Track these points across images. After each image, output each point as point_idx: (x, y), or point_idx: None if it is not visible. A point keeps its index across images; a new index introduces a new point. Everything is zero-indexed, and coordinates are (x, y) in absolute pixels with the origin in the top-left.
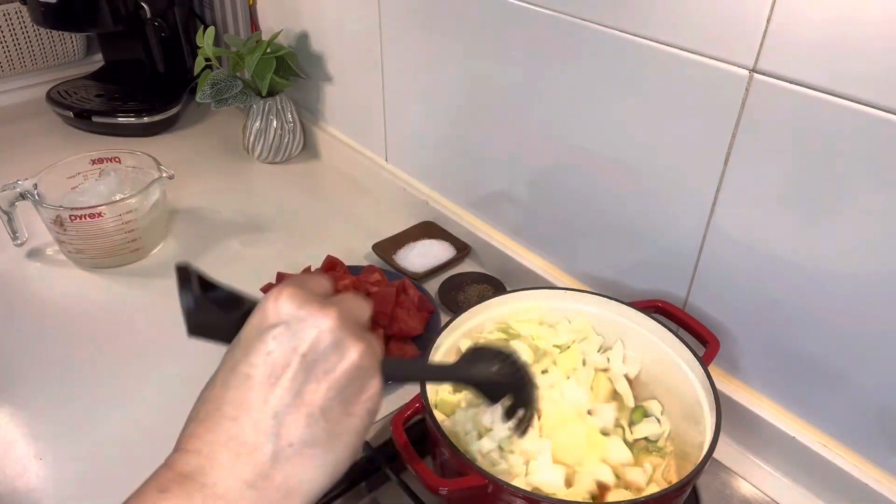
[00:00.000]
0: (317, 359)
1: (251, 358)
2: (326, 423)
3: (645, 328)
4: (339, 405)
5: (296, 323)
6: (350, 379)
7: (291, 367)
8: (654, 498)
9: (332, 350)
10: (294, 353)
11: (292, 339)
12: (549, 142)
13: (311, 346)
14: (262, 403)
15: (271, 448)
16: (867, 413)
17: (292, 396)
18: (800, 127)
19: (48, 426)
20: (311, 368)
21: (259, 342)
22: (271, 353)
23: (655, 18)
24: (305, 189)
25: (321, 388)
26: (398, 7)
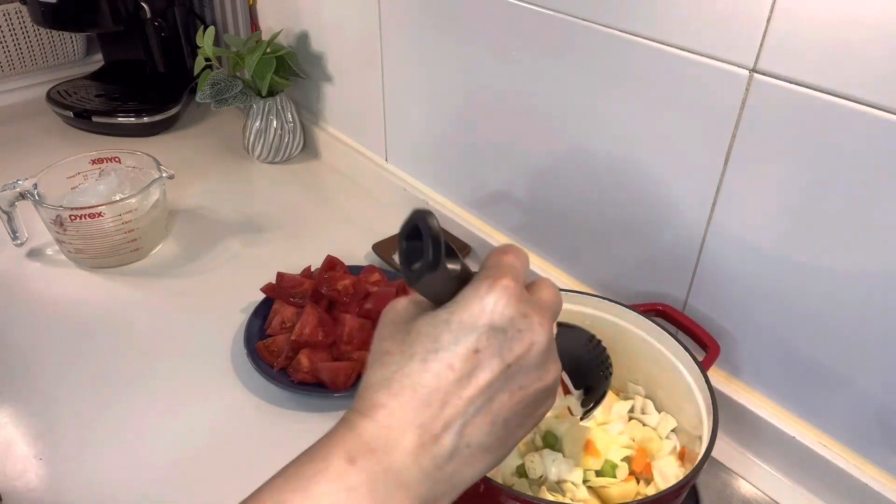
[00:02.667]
0: (517, 373)
1: (458, 349)
2: (504, 432)
3: (645, 331)
4: (518, 419)
5: (512, 330)
6: (538, 399)
7: (493, 373)
8: (654, 498)
9: (533, 369)
10: (501, 360)
11: (502, 347)
12: (549, 142)
13: (517, 358)
14: (457, 398)
15: (453, 444)
16: (867, 413)
17: (484, 401)
18: (800, 127)
19: (48, 426)
20: (509, 379)
21: (471, 335)
22: (479, 352)
23: (655, 18)
24: (305, 189)
25: (511, 401)
26: (398, 7)
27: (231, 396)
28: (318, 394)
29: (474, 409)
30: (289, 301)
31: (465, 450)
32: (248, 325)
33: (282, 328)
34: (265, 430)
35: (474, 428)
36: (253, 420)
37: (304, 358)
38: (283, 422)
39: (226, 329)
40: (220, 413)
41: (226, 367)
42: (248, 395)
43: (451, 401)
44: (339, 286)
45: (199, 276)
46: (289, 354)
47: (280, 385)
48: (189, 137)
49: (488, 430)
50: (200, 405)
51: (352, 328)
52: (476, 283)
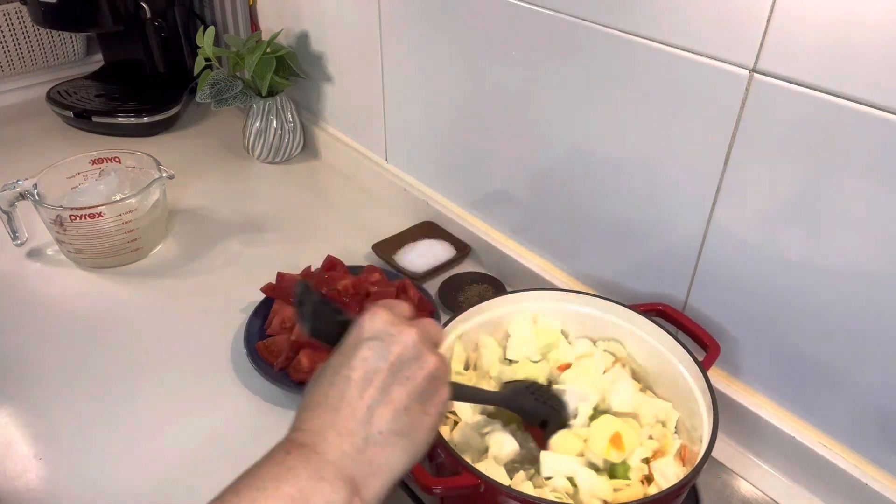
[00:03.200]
0: (401, 367)
1: (351, 362)
2: (408, 418)
3: (645, 331)
4: (418, 405)
5: (386, 337)
6: (426, 384)
7: (382, 371)
8: (654, 498)
9: (413, 360)
10: (384, 360)
11: (383, 350)
12: (549, 142)
13: (397, 356)
14: (359, 399)
15: (364, 432)
16: (867, 413)
17: (381, 394)
18: (800, 127)
19: (48, 426)
20: (396, 373)
21: (357, 351)
22: (367, 359)
23: (655, 18)
24: (305, 189)
25: (404, 390)
26: (398, 7)
27: (231, 396)
28: None
29: (375, 402)
30: (289, 301)
31: (378, 436)
32: (248, 325)
33: (282, 328)
34: (265, 430)
35: (379, 417)
36: (253, 420)
37: (305, 358)
38: (284, 422)
39: (226, 329)
40: (220, 413)
41: (226, 367)
42: (249, 395)
43: (355, 401)
44: (339, 286)
45: (199, 276)
46: (289, 354)
47: (280, 385)
48: (189, 137)
49: (392, 417)
50: (200, 405)
51: None
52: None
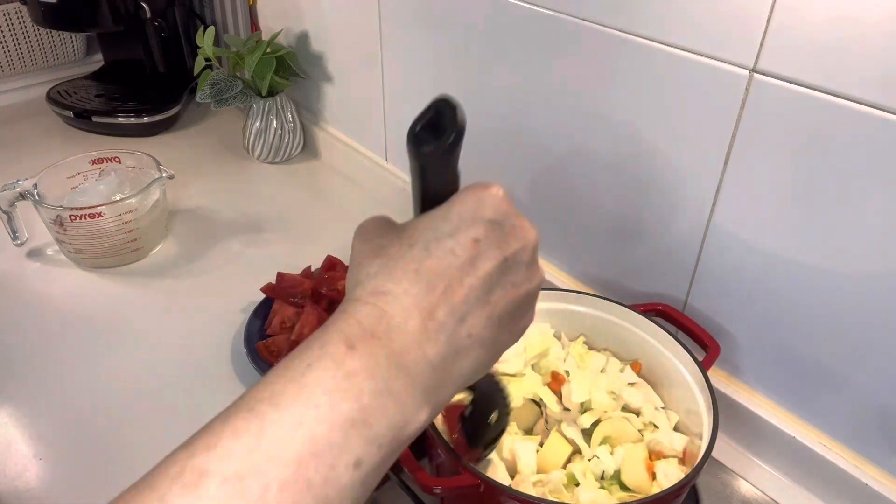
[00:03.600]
0: (513, 268)
1: (460, 237)
2: (497, 330)
3: (645, 331)
4: (509, 319)
5: (508, 226)
6: (526, 301)
7: (493, 263)
8: (655, 498)
9: (525, 267)
10: (500, 251)
11: (501, 239)
12: (549, 141)
13: (514, 253)
14: (460, 285)
15: (453, 332)
16: (867, 413)
17: (484, 292)
18: (800, 127)
19: (48, 426)
20: (505, 273)
21: (472, 226)
22: (479, 241)
23: (655, 18)
24: (305, 189)
25: (506, 298)
26: (398, 7)
27: (231, 396)
28: None
29: (475, 299)
30: (289, 301)
31: (466, 340)
32: (248, 325)
33: (282, 328)
34: None
35: (475, 318)
36: None
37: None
38: None
39: (226, 329)
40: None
41: (226, 367)
42: None
43: (455, 287)
44: (339, 286)
45: (199, 276)
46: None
47: None
48: (189, 137)
49: (485, 323)
50: (200, 405)
51: None
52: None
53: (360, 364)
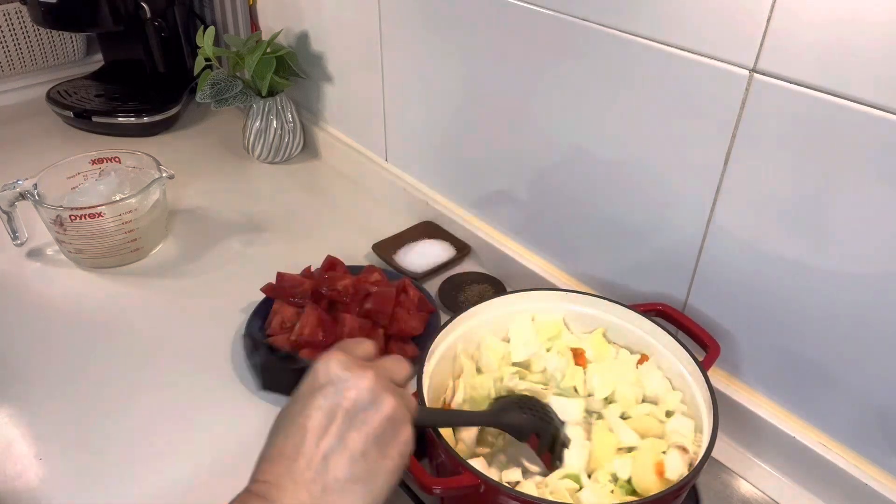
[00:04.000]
0: (357, 412)
1: (306, 411)
2: (365, 464)
3: (645, 331)
4: (376, 449)
5: (340, 383)
6: (384, 428)
7: (337, 418)
8: (655, 498)
9: (368, 405)
10: (339, 407)
11: (336, 397)
12: (549, 141)
13: (352, 402)
14: (315, 448)
15: (322, 481)
16: (867, 413)
17: (337, 442)
18: (800, 127)
19: (48, 426)
20: (352, 419)
21: (312, 399)
22: (321, 407)
23: (655, 18)
24: (305, 189)
25: (360, 436)
26: (398, 7)
27: (231, 396)
28: None
29: (331, 451)
30: (289, 301)
31: (335, 483)
32: (248, 325)
33: (282, 328)
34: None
35: (336, 465)
36: (252, 420)
37: (304, 358)
38: None
39: (226, 329)
40: (219, 413)
41: (226, 367)
42: (248, 395)
43: (311, 451)
44: (339, 286)
45: (199, 276)
46: None
47: None
48: (189, 137)
49: (349, 463)
50: (200, 405)
51: (352, 328)
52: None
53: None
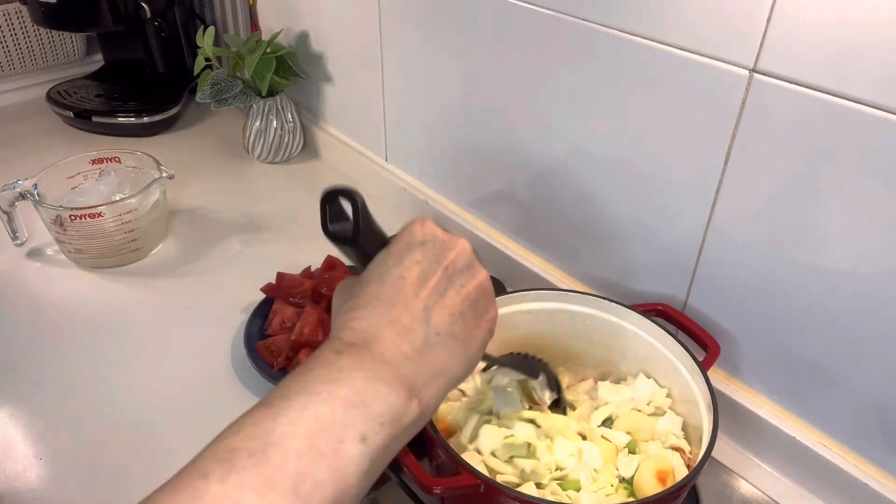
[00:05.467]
0: (455, 273)
1: (404, 263)
2: (463, 325)
3: (645, 331)
4: (472, 314)
5: (440, 242)
6: (478, 295)
7: (437, 274)
8: (655, 498)
9: (466, 269)
10: (438, 264)
11: (437, 254)
12: (549, 142)
13: (451, 261)
14: (415, 297)
15: (423, 331)
16: (867, 413)
17: (437, 297)
18: (800, 127)
19: (48, 426)
20: (451, 279)
21: (410, 252)
22: (420, 261)
23: (655, 18)
24: (305, 189)
25: (459, 296)
26: (398, 7)
27: (231, 396)
28: None
29: (432, 303)
30: (289, 301)
31: (436, 336)
32: (248, 325)
33: (282, 328)
34: None
35: (437, 317)
36: None
37: (304, 358)
38: None
39: (226, 329)
40: (219, 413)
41: (226, 367)
42: (249, 396)
43: (411, 300)
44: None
45: (199, 276)
46: (289, 354)
47: None
48: (189, 137)
49: (450, 319)
50: (200, 405)
51: None
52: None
53: (349, 362)
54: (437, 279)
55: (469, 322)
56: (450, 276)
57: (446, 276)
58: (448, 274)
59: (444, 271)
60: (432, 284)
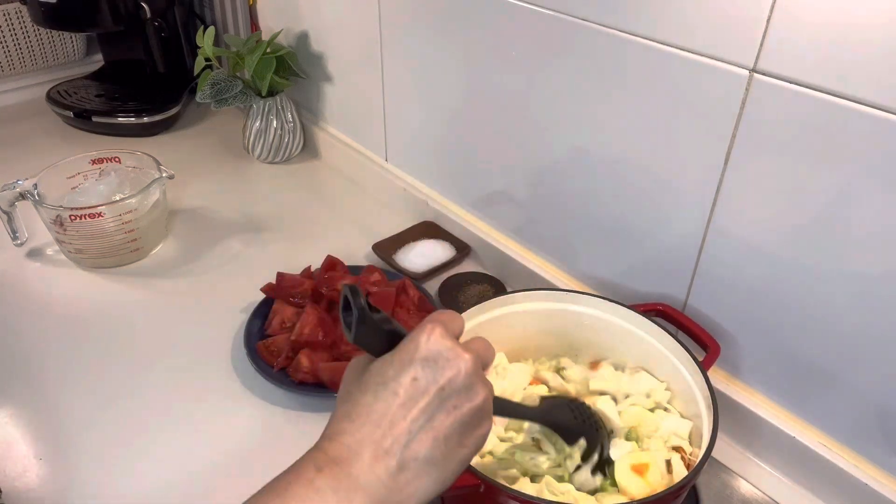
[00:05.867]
0: (450, 394)
1: (401, 379)
2: (445, 449)
3: (645, 331)
4: (458, 436)
5: (442, 360)
6: (471, 418)
7: (430, 395)
8: (655, 498)
9: (463, 390)
10: (435, 384)
11: (435, 373)
12: (549, 141)
13: (448, 382)
14: (402, 419)
15: (401, 457)
16: (867, 413)
17: (426, 420)
18: (800, 127)
19: (48, 426)
20: (444, 401)
21: (409, 368)
22: (417, 380)
23: (655, 18)
24: (305, 189)
25: (448, 420)
26: (398, 7)
27: (231, 397)
28: (318, 394)
29: (418, 427)
30: (289, 301)
31: (413, 463)
32: (248, 325)
33: (282, 328)
34: (264, 430)
35: (419, 444)
36: (252, 420)
37: (304, 358)
38: (283, 422)
39: (226, 329)
40: (219, 413)
41: (226, 367)
42: (248, 396)
43: (398, 422)
44: (338, 286)
45: (199, 276)
46: (289, 354)
47: (280, 385)
48: (189, 137)
49: (431, 445)
50: (200, 405)
51: None
52: (411, 332)
53: (325, 483)
54: (428, 401)
55: (452, 445)
56: (444, 398)
57: (439, 398)
58: (442, 396)
59: (439, 393)
60: (422, 406)
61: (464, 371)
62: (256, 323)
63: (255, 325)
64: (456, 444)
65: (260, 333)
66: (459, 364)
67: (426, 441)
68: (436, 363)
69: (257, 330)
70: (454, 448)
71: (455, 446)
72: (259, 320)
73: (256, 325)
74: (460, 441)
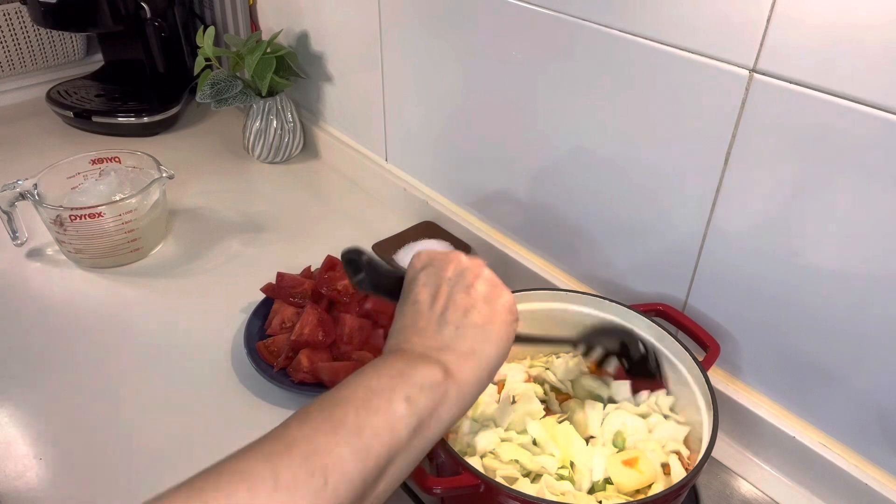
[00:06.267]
0: (458, 279)
1: (415, 292)
2: (479, 314)
3: (645, 331)
4: (484, 304)
5: (437, 262)
6: (486, 288)
7: (442, 287)
8: (655, 498)
9: (467, 272)
10: (441, 279)
11: (437, 273)
12: (549, 141)
13: (452, 271)
14: (430, 311)
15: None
16: (867, 413)
17: (448, 302)
18: (800, 127)
19: (48, 426)
20: (456, 284)
21: (417, 282)
22: (426, 283)
23: (655, 18)
24: (305, 189)
25: (468, 295)
26: (398, 7)
27: (231, 396)
28: (318, 394)
29: (444, 309)
30: (289, 301)
31: (455, 330)
32: (248, 325)
33: (282, 328)
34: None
35: (451, 315)
36: (253, 420)
37: (304, 358)
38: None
39: (226, 329)
40: (219, 413)
41: (226, 367)
42: (248, 395)
43: (427, 314)
44: (339, 286)
45: (199, 276)
46: (289, 354)
47: (280, 385)
48: (189, 137)
49: (463, 314)
50: (200, 405)
51: (352, 328)
52: None
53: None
54: (445, 291)
55: (483, 311)
56: (454, 283)
57: (451, 285)
58: (452, 282)
59: (448, 282)
60: (442, 296)
61: (457, 260)
62: (256, 323)
63: (254, 325)
64: (487, 310)
65: (260, 333)
66: (451, 258)
67: (457, 312)
68: (433, 266)
69: (257, 330)
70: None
71: (486, 312)
72: (259, 320)
73: (256, 325)
74: (490, 308)
